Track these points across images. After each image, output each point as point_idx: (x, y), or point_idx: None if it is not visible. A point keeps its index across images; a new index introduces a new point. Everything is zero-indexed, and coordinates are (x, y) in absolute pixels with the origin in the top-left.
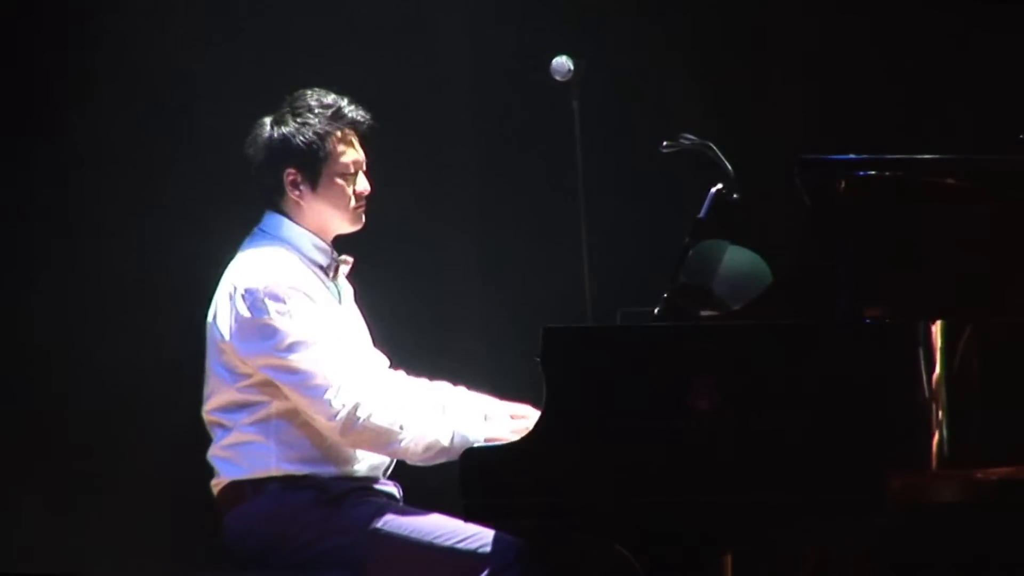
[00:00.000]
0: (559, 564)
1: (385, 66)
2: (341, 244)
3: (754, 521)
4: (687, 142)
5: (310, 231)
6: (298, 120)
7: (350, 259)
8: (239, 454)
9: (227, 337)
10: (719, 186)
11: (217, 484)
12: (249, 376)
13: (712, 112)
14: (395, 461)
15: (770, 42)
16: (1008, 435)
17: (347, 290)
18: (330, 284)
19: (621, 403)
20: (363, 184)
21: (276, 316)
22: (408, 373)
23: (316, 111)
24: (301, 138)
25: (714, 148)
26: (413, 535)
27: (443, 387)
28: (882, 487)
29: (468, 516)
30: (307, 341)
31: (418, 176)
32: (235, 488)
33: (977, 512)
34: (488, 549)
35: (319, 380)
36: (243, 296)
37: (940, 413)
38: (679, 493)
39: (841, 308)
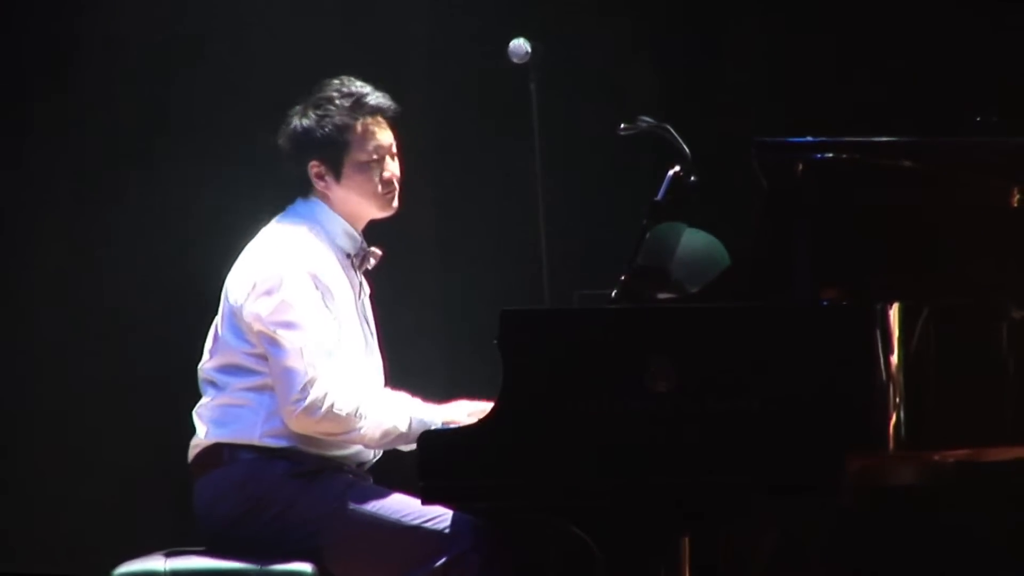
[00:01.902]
0: (519, 549)
1: (341, 48)
2: None
3: (711, 503)
4: (645, 124)
5: (342, 218)
6: (319, 112)
7: (379, 252)
8: (226, 415)
9: (241, 301)
10: (676, 168)
11: (196, 446)
12: (255, 345)
13: (670, 94)
14: (377, 458)
15: (728, 24)
16: (965, 417)
17: (366, 286)
18: (351, 274)
19: (578, 385)
20: (391, 169)
21: (285, 291)
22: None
23: (336, 101)
24: (321, 130)
25: (671, 130)
26: (380, 512)
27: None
28: (840, 469)
29: (425, 498)
30: (301, 324)
31: None
32: (212, 451)
33: (933, 499)
34: (451, 531)
35: (297, 364)
36: (264, 265)
37: (897, 395)
38: (635, 475)
39: (798, 290)
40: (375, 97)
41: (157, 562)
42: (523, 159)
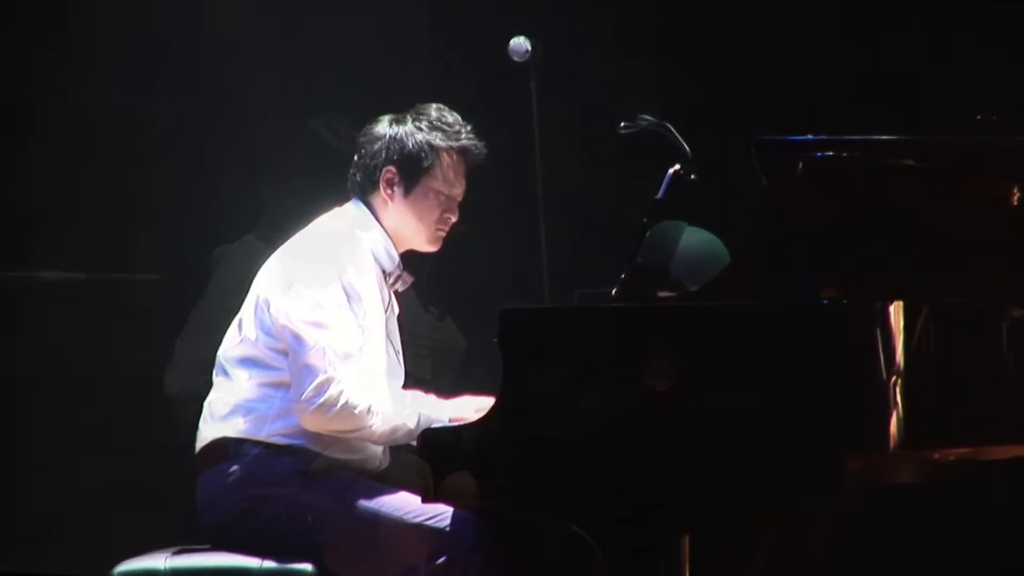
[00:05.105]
0: (520, 547)
1: (341, 47)
2: None
3: (712, 501)
4: (645, 123)
5: (386, 233)
6: (415, 125)
7: (411, 278)
8: (237, 409)
9: (272, 294)
10: (677, 167)
11: (203, 439)
12: (278, 339)
13: (670, 92)
14: (384, 467)
15: (728, 22)
16: (965, 417)
17: (395, 305)
18: (384, 290)
19: (578, 384)
20: (453, 212)
21: (316, 290)
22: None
23: (435, 123)
24: (412, 142)
25: (672, 129)
26: (382, 509)
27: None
28: (840, 469)
29: (425, 496)
30: (327, 325)
31: None
32: (218, 446)
33: (931, 496)
34: (452, 530)
35: (317, 362)
36: (300, 262)
37: (897, 394)
38: (636, 474)
39: (798, 289)
40: (470, 137)
41: (157, 561)
42: (523, 158)
